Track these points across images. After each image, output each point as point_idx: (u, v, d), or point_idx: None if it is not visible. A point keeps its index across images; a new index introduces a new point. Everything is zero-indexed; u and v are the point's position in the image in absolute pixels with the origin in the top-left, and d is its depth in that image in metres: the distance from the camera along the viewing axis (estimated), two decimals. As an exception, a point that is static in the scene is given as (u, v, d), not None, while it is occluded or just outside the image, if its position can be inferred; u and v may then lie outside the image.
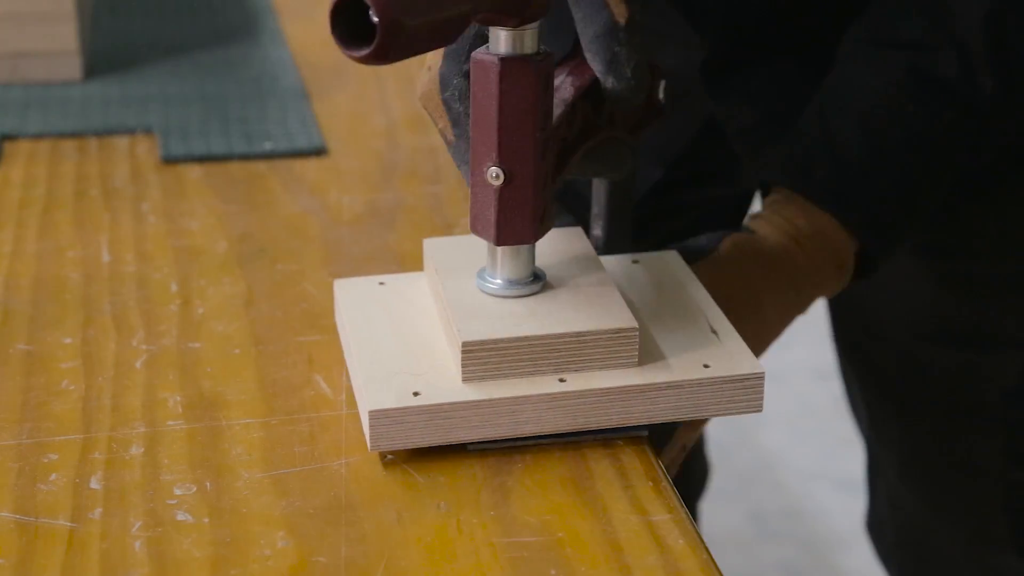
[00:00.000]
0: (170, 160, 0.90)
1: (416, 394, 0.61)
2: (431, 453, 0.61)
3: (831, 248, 0.77)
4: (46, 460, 0.61)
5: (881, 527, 1.13)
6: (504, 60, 0.60)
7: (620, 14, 0.63)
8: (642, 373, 0.62)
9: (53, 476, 0.60)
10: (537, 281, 0.65)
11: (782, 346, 0.84)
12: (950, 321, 0.96)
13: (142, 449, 0.62)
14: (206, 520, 0.57)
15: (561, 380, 0.62)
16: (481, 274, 0.65)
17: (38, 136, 0.93)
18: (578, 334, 0.62)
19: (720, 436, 1.86)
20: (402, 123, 0.97)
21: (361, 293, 0.69)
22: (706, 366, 0.63)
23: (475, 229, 0.64)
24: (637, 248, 0.75)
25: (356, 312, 0.67)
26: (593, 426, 0.62)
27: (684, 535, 0.57)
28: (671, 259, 0.72)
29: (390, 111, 0.99)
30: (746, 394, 0.63)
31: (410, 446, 0.61)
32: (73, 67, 1.01)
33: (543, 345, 0.62)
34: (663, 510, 0.58)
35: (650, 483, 0.60)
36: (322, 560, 0.55)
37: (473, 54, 0.61)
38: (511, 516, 0.58)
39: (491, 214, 0.63)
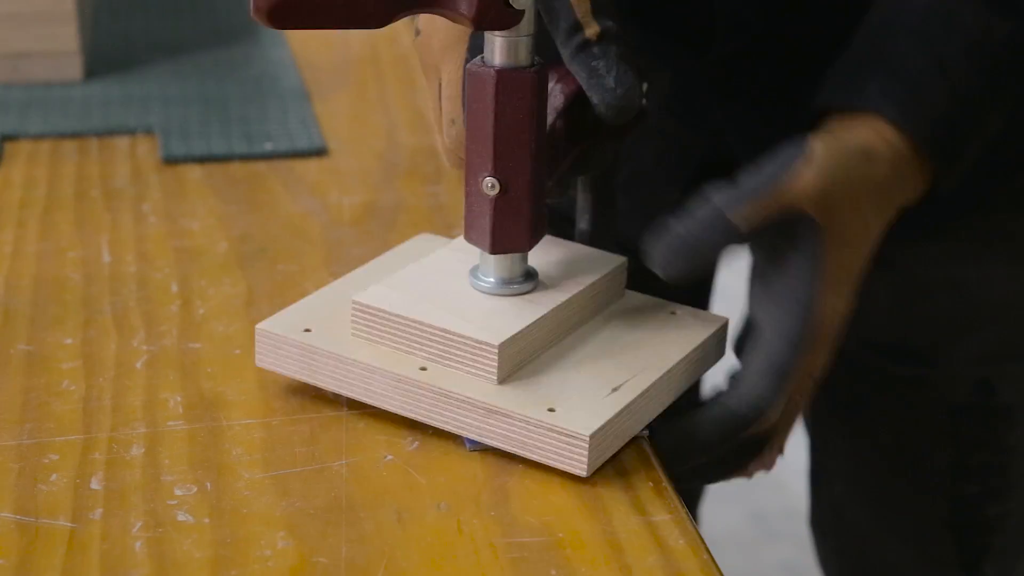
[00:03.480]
0: (171, 160, 0.90)
1: (307, 331, 0.64)
2: (431, 453, 0.62)
3: (901, 157, 0.71)
4: (47, 460, 0.61)
5: (823, 529, 1.12)
6: (500, 72, 0.60)
7: (591, 30, 0.63)
8: (489, 391, 0.61)
9: (53, 476, 0.60)
10: (528, 281, 0.65)
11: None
12: (903, 334, 0.95)
13: (143, 449, 0.62)
14: (207, 520, 0.57)
15: (422, 368, 0.63)
16: (473, 271, 0.66)
17: (39, 136, 0.93)
18: (443, 330, 0.62)
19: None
20: (402, 123, 0.97)
21: (419, 247, 0.72)
22: (551, 410, 0.60)
23: (469, 238, 0.65)
24: (621, 244, 0.74)
25: (387, 259, 0.71)
26: (430, 423, 0.62)
27: (684, 535, 0.57)
28: (705, 318, 0.69)
29: (390, 111, 0.99)
30: (569, 452, 0.60)
31: (286, 374, 0.65)
32: (73, 67, 1.01)
33: (414, 329, 0.63)
34: (663, 510, 0.58)
35: (650, 483, 0.60)
36: (322, 560, 0.55)
37: (468, 66, 0.62)
38: (511, 516, 0.58)
39: (486, 223, 0.63)
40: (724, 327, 0.69)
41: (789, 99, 0.81)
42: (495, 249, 0.64)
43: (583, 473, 0.59)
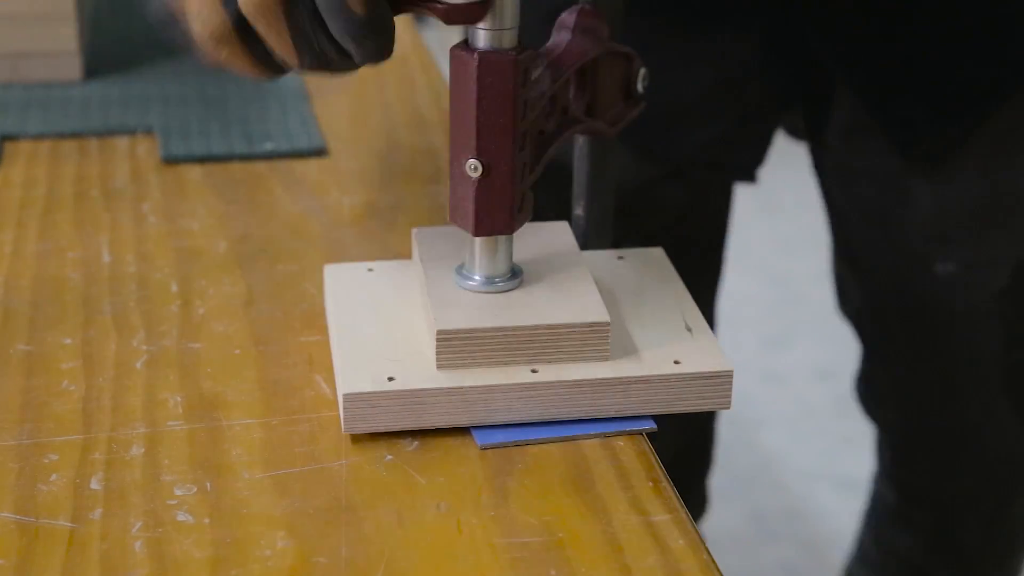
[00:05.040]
0: (170, 160, 0.90)
1: (391, 379, 0.62)
2: (431, 453, 0.62)
3: None
4: (46, 460, 0.61)
5: (868, 384, 1.18)
6: (483, 55, 0.61)
7: None
8: (613, 366, 0.63)
9: (53, 476, 0.60)
10: (514, 278, 0.66)
11: (782, 346, 0.85)
12: (943, 221, 0.99)
13: (142, 449, 0.62)
14: (206, 520, 0.57)
15: (533, 371, 0.63)
16: (459, 270, 0.66)
17: (38, 136, 0.93)
18: (551, 327, 0.63)
19: (720, 436, 1.86)
20: (402, 123, 0.97)
21: (350, 278, 0.71)
22: (676, 362, 0.64)
23: (454, 220, 0.65)
24: (620, 233, 0.75)
25: (343, 297, 0.69)
26: (564, 417, 0.63)
27: (684, 535, 0.57)
28: (655, 256, 0.73)
29: (390, 111, 0.99)
30: (715, 390, 0.64)
31: (384, 429, 0.62)
32: (73, 67, 1.01)
33: (517, 336, 0.63)
34: (663, 510, 0.58)
35: (650, 483, 0.60)
36: (322, 560, 0.55)
37: (452, 48, 0.62)
38: (511, 517, 0.58)
39: (469, 205, 0.64)
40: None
41: (892, 31, 0.85)
42: (478, 231, 0.64)
43: (728, 407, 0.64)
